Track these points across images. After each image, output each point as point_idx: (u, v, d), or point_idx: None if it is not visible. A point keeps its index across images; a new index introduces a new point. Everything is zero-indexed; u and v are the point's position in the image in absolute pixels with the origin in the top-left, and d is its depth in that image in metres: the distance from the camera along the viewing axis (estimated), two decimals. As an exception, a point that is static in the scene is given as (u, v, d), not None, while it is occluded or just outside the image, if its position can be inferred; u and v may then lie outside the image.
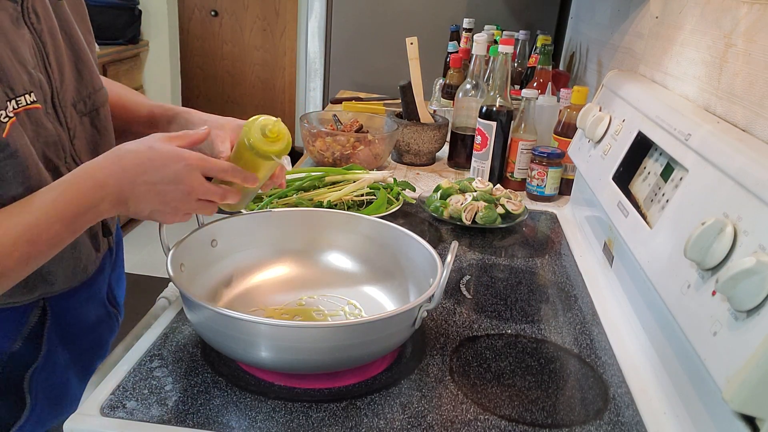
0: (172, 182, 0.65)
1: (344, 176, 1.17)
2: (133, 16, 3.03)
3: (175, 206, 0.67)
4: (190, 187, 0.66)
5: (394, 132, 1.40)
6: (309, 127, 1.40)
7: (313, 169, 1.20)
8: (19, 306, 0.71)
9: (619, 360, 0.78)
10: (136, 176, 0.65)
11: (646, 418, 0.68)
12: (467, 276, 0.98)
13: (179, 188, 0.66)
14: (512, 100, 1.38)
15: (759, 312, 0.52)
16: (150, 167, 0.65)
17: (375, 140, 1.35)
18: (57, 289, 0.74)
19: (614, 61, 1.43)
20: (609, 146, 1.03)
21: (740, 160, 0.65)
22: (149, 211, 0.67)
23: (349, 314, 0.81)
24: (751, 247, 0.56)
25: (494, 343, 0.80)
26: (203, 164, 0.67)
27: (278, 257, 0.89)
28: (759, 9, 0.78)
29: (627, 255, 0.89)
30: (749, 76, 0.78)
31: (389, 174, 1.20)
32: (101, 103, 0.79)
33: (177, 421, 0.62)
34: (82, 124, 0.75)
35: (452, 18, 2.19)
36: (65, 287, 0.75)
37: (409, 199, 1.19)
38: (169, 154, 0.66)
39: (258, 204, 1.08)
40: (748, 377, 0.51)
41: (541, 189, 1.32)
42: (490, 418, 0.66)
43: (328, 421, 0.63)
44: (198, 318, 0.68)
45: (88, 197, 0.63)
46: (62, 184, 0.63)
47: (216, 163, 0.68)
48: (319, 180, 1.15)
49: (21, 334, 0.72)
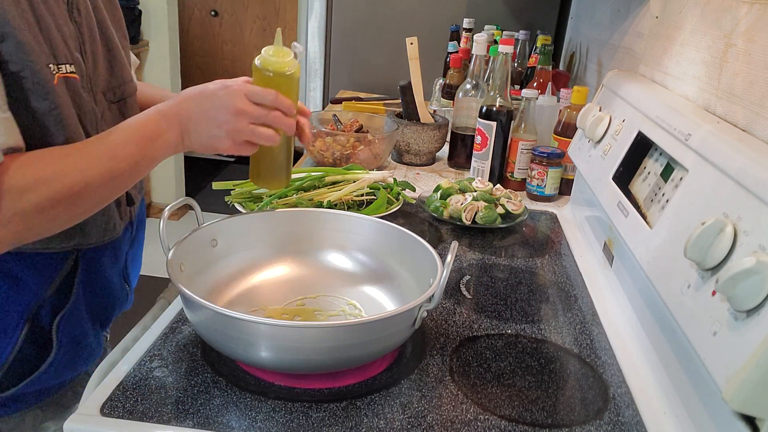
0: (222, 107, 0.74)
1: (344, 176, 1.17)
2: (133, 16, 3.02)
3: (228, 130, 0.75)
4: (237, 108, 0.74)
5: (394, 132, 1.40)
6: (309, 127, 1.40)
7: (313, 169, 1.19)
8: (56, 253, 0.78)
9: (619, 360, 0.78)
10: (192, 107, 0.75)
11: (646, 418, 0.68)
12: (467, 276, 0.98)
13: (228, 110, 0.74)
14: (512, 100, 1.38)
15: (759, 312, 0.52)
16: (201, 97, 0.75)
17: (375, 140, 1.35)
18: (90, 242, 0.80)
19: (614, 61, 1.43)
20: (609, 146, 1.03)
21: (740, 160, 0.65)
22: (207, 137, 0.75)
23: (349, 314, 0.81)
24: (751, 247, 0.56)
25: (494, 343, 0.80)
26: (247, 88, 0.75)
27: (278, 257, 0.89)
28: (759, 9, 0.78)
29: (627, 255, 0.89)
30: (749, 76, 0.78)
31: (389, 174, 1.20)
32: (129, 94, 0.87)
33: (177, 421, 0.62)
34: (110, 110, 0.83)
35: (452, 18, 2.19)
36: (97, 242, 0.82)
37: (409, 199, 1.19)
38: (216, 84, 0.76)
39: (258, 204, 1.08)
40: (748, 377, 0.51)
41: (541, 189, 1.32)
42: (490, 418, 0.66)
43: (328, 421, 0.63)
44: (198, 318, 0.68)
45: (155, 126, 0.74)
46: (133, 118, 0.75)
47: (257, 87, 0.76)
48: (319, 180, 1.15)
49: (54, 281, 0.79)
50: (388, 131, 1.44)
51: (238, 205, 1.08)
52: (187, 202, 0.80)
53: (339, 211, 0.92)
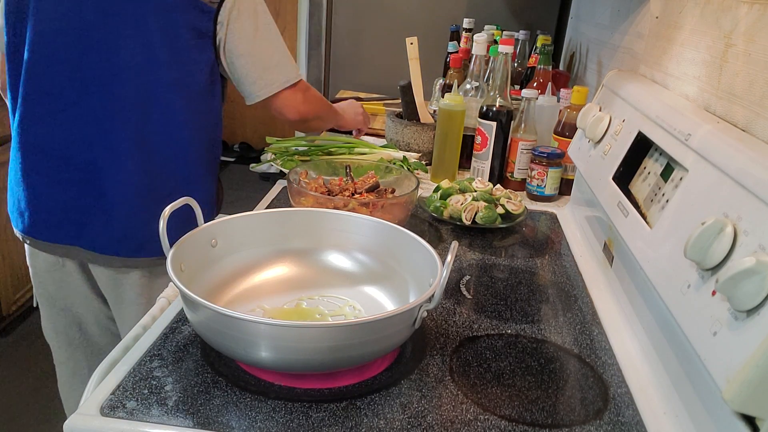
0: (353, 110, 1.52)
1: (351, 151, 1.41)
2: (133, 16, 3.03)
3: (355, 119, 1.52)
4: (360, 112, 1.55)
5: (412, 192, 1.06)
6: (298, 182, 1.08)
7: (314, 137, 1.47)
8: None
9: (619, 360, 0.78)
10: (347, 108, 1.50)
11: (646, 418, 0.68)
12: (467, 276, 0.98)
13: (358, 111, 1.53)
14: (512, 100, 1.38)
15: (759, 312, 0.52)
16: (350, 104, 1.54)
17: (391, 206, 1.03)
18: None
19: (614, 61, 1.43)
20: (609, 146, 1.03)
21: (740, 160, 0.65)
22: (352, 117, 1.51)
23: (349, 315, 0.81)
24: (751, 247, 0.56)
25: (494, 343, 0.80)
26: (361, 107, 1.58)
27: (278, 257, 0.89)
28: (759, 9, 0.78)
29: (627, 255, 0.89)
30: (749, 76, 0.78)
31: (398, 153, 1.40)
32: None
33: (177, 421, 0.62)
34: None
35: (452, 18, 2.19)
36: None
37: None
38: (354, 103, 1.56)
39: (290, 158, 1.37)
40: (749, 377, 0.51)
41: (541, 189, 1.32)
42: (490, 418, 0.66)
43: (328, 421, 0.63)
44: (198, 318, 0.68)
45: (337, 110, 1.44)
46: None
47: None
48: (322, 149, 1.40)
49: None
50: (405, 192, 1.09)
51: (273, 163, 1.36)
52: (187, 202, 0.80)
53: (339, 211, 0.91)
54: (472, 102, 1.46)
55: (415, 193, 1.06)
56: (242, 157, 4.53)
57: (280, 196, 1.24)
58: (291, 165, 1.32)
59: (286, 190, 1.14)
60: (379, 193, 1.09)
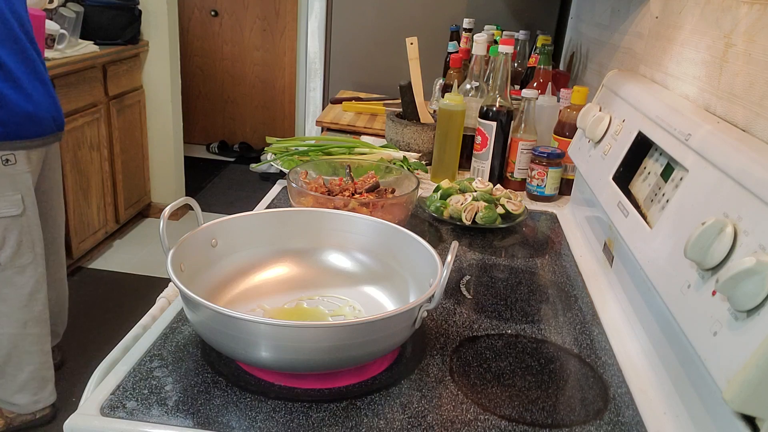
0: None
1: (351, 150, 1.35)
2: (133, 16, 3.02)
3: None
4: None
5: (412, 193, 1.06)
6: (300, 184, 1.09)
7: (314, 138, 1.42)
8: None
9: (619, 360, 0.78)
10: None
11: (646, 418, 0.68)
12: (467, 276, 0.98)
13: None
14: (512, 100, 1.38)
15: (759, 312, 0.52)
16: None
17: (391, 206, 1.04)
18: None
19: (614, 61, 1.43)
20: (609, 146, 1.03)
21: (740, 160, 0.65)
22: None
23: (349, 315, 0.81)
24: (751, 247, 0.56)
25: (494, 343, 0.80)
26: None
27: (278, 257, 0.89)
28: (759, 9, 0.78)
29: (627, 255, 0.89)
30: (749, 76, 0.78)
31: (398, 153, 1.35)
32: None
33: (177, 421, 0.62)
34: None
35: (452, 18, 2.19)
36: None
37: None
38: None
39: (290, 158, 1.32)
40: (749, 377, 0.51)
41: (541, 189, 1.32)
42: (490, 418, 0.66)
43: (328, 421, 0.63)
44: (198, 318, 0.68)
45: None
46: None
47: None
48: (322, 149, 1.35)
49: None
50: (405, 192, 1.10)
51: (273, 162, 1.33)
52: (187, 202, 0.80)
53: (339, 211, 0.92)
54: (472, 102, 1.46)
55: (415, 193, 1.06)
56: (242, 157, 4.53)
57: (280, 196, 1.24)
58: (291, 165, 1.31)
59: (286, 190, 1.14)
60: (379, 193, 1.09)
